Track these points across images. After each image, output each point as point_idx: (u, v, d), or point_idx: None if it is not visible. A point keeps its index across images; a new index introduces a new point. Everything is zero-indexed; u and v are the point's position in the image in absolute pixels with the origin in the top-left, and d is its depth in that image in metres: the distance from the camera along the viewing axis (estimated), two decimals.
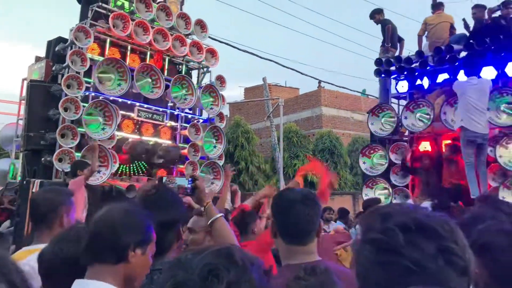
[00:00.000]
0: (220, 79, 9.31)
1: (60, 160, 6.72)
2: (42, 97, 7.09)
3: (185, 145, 8.53)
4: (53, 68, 7.22)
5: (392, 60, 7.44)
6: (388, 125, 7.58)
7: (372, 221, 0.91)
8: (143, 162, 8.14)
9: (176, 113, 8.72)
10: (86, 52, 7.12)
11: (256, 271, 0.88)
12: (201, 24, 8.96)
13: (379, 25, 8.03)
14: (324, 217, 7.09)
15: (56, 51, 7.31)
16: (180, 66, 9.05)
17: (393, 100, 8.16)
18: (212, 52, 9.12)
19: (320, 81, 20.34)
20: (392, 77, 7.79)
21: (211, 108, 8.94)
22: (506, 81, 6.52)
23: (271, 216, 1.99)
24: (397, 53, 7.81)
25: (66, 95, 6.82)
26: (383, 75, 7.72)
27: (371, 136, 8.02)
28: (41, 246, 1.94)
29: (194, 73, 9.40)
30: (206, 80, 9.26)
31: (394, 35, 7.89)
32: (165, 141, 8.44)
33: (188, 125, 8.61)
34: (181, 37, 8.44)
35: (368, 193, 7.49)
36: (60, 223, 2.38)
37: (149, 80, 7.94)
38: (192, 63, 9.14)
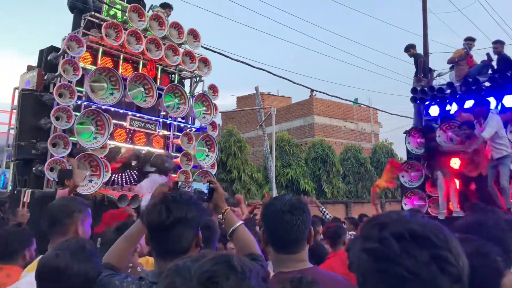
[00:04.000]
0: (213, 88, 9.33)
1: (51, 169, 6.66)
2: (33, 106, 7.05)
3: (178, 154, 8.51)
4: (45, 77, 7.17)
5: (426, 89, 8.66)
6: (423, 144, 8.60)
7: (370, 230, 0.94)
8: (135, 171, 8.11)
9: (168, 122, 8.71)
10: (78, 61, 7.09)
11: (254, 278, 0.88)
12: (193, 34, 8.99)
13: (412, 58, 9.18)
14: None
15: (48, 60, 7.27)
16: (172, 75, 9.06)
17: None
18: (204, 61, 9.15)
19: (312, 90, 20.39)
20: (426, 103, 8.83)
21: (204, 117, 8.95)
22: None
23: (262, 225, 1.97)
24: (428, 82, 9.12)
25: (58, 104, 6.78)
26: (418, 101, 8.81)
27: (407, 153, 9.03)
28: None
29: (187, 82, 9.42)
30: (198, 89, 9.29)
31: (425, 67, 9.26)
32: (158, 150, 8.42)
33: (180, 134, 8.59)
34: (174, 46, 8.45)
35: (407, 203, 8.42)
36: (75, 231, 2.22)
37: (142, 89, 7.94)
38: (184, 72, 9.16)
